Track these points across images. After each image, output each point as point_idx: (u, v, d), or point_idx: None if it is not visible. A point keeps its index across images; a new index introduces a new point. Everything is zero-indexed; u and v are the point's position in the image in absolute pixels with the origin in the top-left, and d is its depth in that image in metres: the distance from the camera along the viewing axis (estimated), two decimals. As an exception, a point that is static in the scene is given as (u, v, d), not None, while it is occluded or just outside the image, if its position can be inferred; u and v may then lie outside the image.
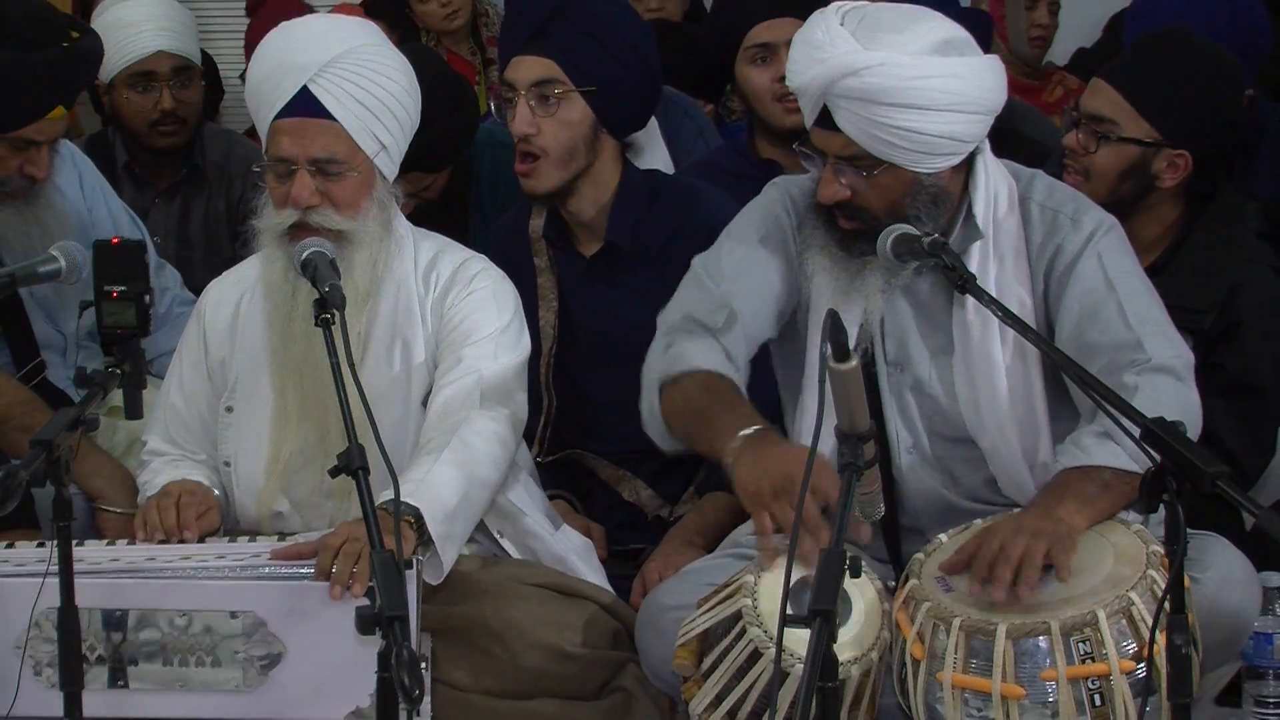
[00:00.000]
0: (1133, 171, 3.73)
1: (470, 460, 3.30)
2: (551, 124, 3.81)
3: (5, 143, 3.74)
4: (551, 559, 3.56)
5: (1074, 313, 3.22)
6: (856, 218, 3.21)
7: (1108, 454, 3.05)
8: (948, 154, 3.19)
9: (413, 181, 4.29)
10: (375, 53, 3.42)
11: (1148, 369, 3.14)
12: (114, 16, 4.69)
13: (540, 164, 3.83)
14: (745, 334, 3.34)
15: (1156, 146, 3.72)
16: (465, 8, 5.83)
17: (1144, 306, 3.22)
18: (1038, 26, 5.90)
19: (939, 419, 3.32)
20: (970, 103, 3.16)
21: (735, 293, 3.34)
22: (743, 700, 2.97)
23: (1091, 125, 3.74)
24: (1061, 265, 3.25)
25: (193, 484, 3.44)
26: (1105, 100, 3.75)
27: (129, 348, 3.19)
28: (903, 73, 3.10)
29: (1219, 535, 3.21)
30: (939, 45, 3.15)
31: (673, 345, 3.31)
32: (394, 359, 3.46)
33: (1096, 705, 2.85)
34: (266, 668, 3.14)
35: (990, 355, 3.23)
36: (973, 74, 3.17)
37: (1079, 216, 3.28)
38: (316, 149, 3.33)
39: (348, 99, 3.34)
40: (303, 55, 3.36)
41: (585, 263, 3.96)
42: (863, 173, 3.18)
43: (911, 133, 3.13)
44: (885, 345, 3.32)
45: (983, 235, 3.25)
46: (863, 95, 3.10)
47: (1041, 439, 3.25)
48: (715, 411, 3.18)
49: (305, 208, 3.33)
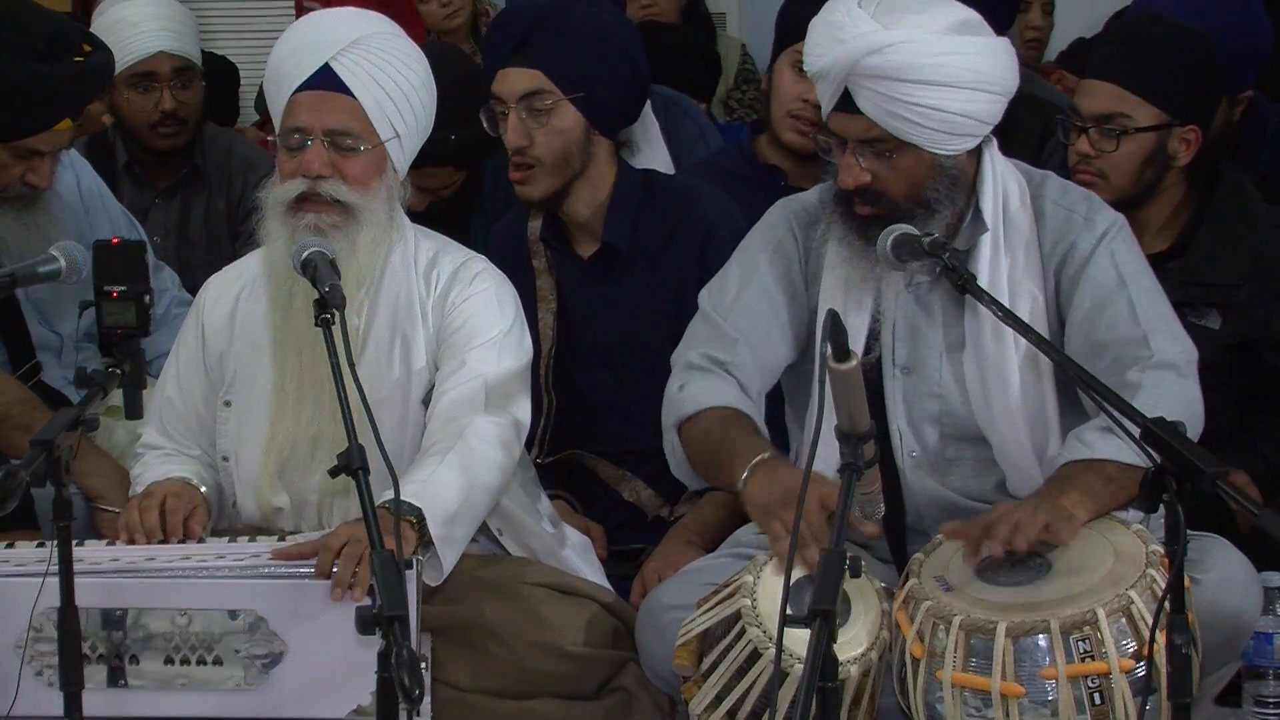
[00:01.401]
0: (1153, 158, 3.79)
1: (473, 464, 3.29)
2: (544, 134, 3.83)
3: (9, 151, 3.74)
4: (551, 559, 3.56)
5: (1085, 309, 3.26)
6: (876, 202, 3.24)
7: (1111, 448, 3.06)
8: (966, 134, 3.23)
9: (440, 177, 4.31)
10: (398, 42, 3.46)
11: (1151, 365, 3.16)
12: (115, 16, 4.69)
13: (535, 172, 3.85)
14: (759, 365, 3.37)
15: (1169, 127, 3.77)
16: (465, 7, 5.82)
17: (1152, 304, 3.26)
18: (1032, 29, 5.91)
19: (949, 418, 3.32)
20: (989, 81, 3.20)
21: (744, 325, 3.37)
22: (742, 700, 2.97)
23: (1102, 125, 3.77)
24: (1075, 263, 3.28)
25: (177, 484, 3.42)
26: (1107, 97, 3.78)
27: (129, 348, 3.19)
28: (925, 49, 3.14)
29: (1219, 536, 3.21)
30: (958, 25, 3.20)
31: (686, 385, 3.35)
32: (394, 358, 3.46)
33: (1096, 704, 2.85)
34: (268, 666, 3.13)
35: (1002, 351, 3.25)
36: (991, 53, 3.22)
37: (1092, 215, 3.31)
38: (333, 121, 3.35)
39: (368, 79, 3.37)
40: (327, 35, 3.40)
41: (582, 264, 3.96)
42: (884, 155, 3.21)
43: (933, 110, 3.16)
44: (895, 349, 3.32)
45: (989, 228, 3.26)
46: (885, 73, 3.13)
47: (1051, 434, 3.27)
48: (729, 444, 3.23)
49: (315, 177, 3.34)
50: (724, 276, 3.46)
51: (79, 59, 3.77)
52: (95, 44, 3.88)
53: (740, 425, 3.26)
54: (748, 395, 3.33)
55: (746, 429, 3.26)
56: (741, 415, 3.28)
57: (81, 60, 3.78)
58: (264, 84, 3.51)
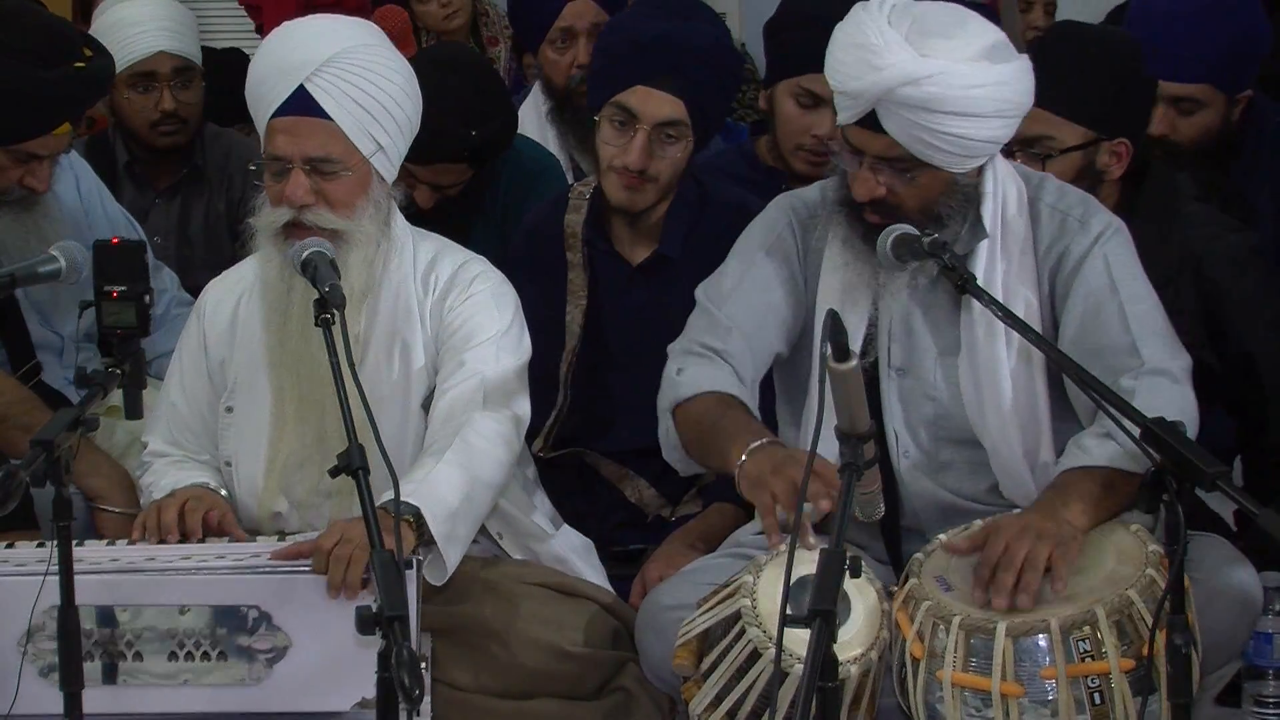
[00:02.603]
0: (1082, 175, 3.70)
1: (473, 461, 3.29)
2: (667, 158, 3.86)
3: (8, 154, 3.74)
4: (552, 559, 3.56)
5: (1077, 314, 3.24)
6: (888, 215, 3.23)
7: (1110, 454, 3.06)
8: (983, 155, 3.23)
9: (454, 174, 4.31)
10: (373, 53, 3.40)
11: (1144, 373, 3.15)
12: (115, 16, 4.69)
13: (647, 187, 3.86)
14: (753, 354, 3.37)
15: (1096, 143, 3.72)
16: (465, 8, 5.82)
17: (1145, 311, 3.24)
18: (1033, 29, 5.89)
19: (943, 422, 3.32)
20: (1014, 108, 3.20)
21: (739, 314, 3.37)
22: (742, 700, 2.97)
23: (1028, 149, 3.67)
24: (1068, 266, 3.27)
25: (199, 489, 3.42)
26: (1029, 119, 3.60)
27: (129, 348, 3.19)
28: (959, 82, 3.11)
29: (1219, 535, 3.21)
30: (988, 51, 3.16)
31: (683, 370, 3.35)
32: (393, 361, 3.45)
33: (1096, 704, 2.85)
34: (272, 661, 3.14)
35: (995, 355, 3.24)
36: (1017, 79, 3.20)
37: (1087, 219, 3.30)
38: (311, 148, 3.32)
39: (344, 99, 3.32)
40: (300, 55, 3.34)
41: (630, 269, 3.96)
42: (904, 174, 3.20)
43: (960, 139, 3.14)
44: (891, 350, 3.32)
45: (989, 235, 3.26)
46: (920, 104, 3.10)
47: (1043, 440, 3.26)
48: (725, 428, 3.22)
49: (299, 206, 3.33)
50: (722, 270, 3.46)
51: (80, 64, 3.77)
52: (96, 49, 3.88)
53: (737, 409, 3.26)
54: (742, 383, 3.33)
55: (744, 413, 3.26)
56: (737, 401, 3.28)
57: (82, 66, 3.78)
58: (246, 98, 3.45)
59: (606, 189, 3.90)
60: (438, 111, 3.64)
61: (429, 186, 4.29)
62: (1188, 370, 3.21)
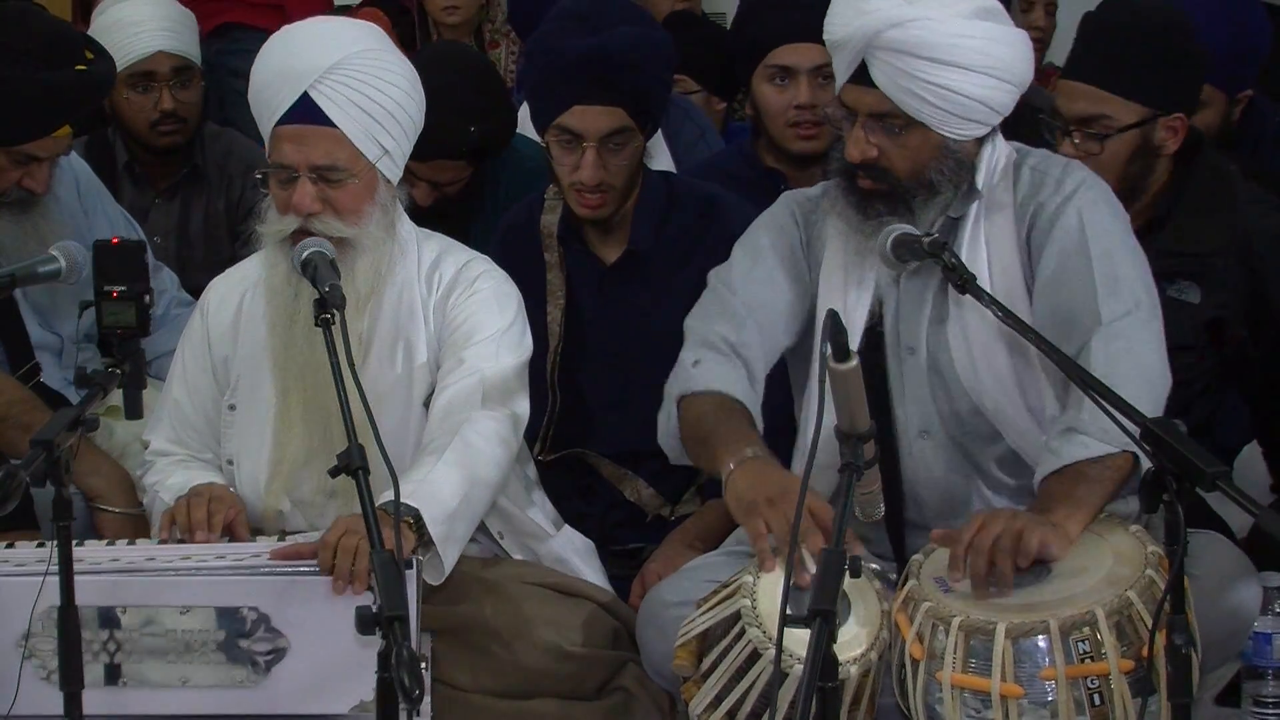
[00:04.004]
0: (1139, 153, 3.74)
1: (472, 461, 3.29)
2: (617, 166, 3.86)
3: (8, 156, 3.74)
4: (552, 559, 3.56)
5: (1049, 269, 3.25)
6: (880, 178, 3.25)
7: (1075, 448, 3.06)
8: (977, 121, 3.24)
9: (454, 171, 4.31)
10: (376, 58, 3.39)
11: (1098, 335, 3.14)
12: (114, 16, 4.69)
13: (608, 197, 3.87)
14: (764, 346, 3.38)
15: (1154, 120, 3.73)
16: (466, 7, 5.82)
17: (1114, 264, 3.23)
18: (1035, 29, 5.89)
19: (945, 394, 3.32)
20: (1005, 69, 3.21)
21: (753, 303, 3.38)
22: (742, 700, 2.97)
23: (1084, 128, 3.73)
24: (1042, 222, 3.28)
25: (221, 488, 3.42)
26: (1084, 100, 3.73)
27: (129, 348, 3.18)
28: (945, 29, 3.15)
29: (1219, 534, 3.21)
30: (979, 10, 3.21)
31: (699, 363, 3.35)
32: (396, 360, 3.46)
33: (1095, 705, 2.85)
34: (271, 662, 3.14)
35: (983, 314, 3.22)
36: (1009, 41, 3.23)
37: (1064, 177, 3.32)
38: (318, 156, 3.32)
39: (349, 105, 3.32)
40: (303, 61, 3.33)
41: (605, 269, 3.96)
42: (894, 132, 3.22)
43: (947, 91, 3.17)
44: (896, 326, 3.33)
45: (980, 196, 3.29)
46: (904, 48, 3.15)
47: (1044, 390, 3.26)
48: (722, 432, 3.23)
49: (307, 215, 3.32)
50: (731, 261, 3.48)
51: (81, 67, 3.77)
52: (97, 51, 3.88)
53: (737, 416, 3.26)
54: (753, 384, 3.34)
55: (742, 421, 3.26)
56: (741, 408, 3.28)
57: (84, 69, 3.78)
58: (249, 103, 3.44)
59: (572, 205, 3.91)
60: (437, 108, 3.64)
61: (428, 184, 4.29)
62: (1143, 305, 3.19)
